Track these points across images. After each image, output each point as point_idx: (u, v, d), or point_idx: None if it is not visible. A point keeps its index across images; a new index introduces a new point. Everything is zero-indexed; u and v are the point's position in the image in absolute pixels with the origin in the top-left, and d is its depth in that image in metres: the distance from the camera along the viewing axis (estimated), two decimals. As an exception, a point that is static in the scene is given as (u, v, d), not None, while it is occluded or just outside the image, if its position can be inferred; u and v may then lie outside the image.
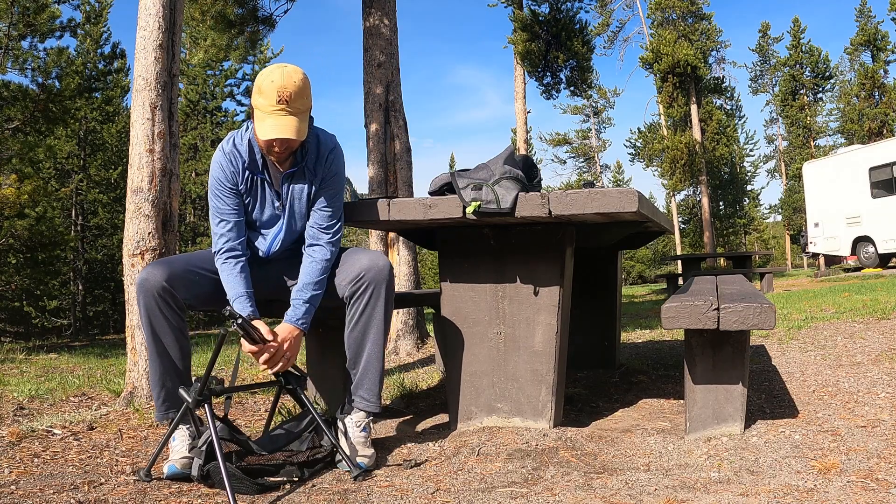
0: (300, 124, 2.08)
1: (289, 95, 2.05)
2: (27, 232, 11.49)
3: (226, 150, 2.21)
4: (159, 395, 2.14)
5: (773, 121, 39.61)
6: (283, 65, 2.11)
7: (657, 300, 11.77)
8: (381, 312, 2.17)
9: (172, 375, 2.13)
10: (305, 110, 2.11)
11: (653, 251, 40.62)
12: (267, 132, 2.06)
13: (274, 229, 2.29)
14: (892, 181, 13.73)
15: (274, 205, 2.25)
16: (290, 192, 2.24)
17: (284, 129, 2.05)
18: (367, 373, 2.19)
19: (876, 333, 4.23)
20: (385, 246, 5.37)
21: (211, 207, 2.26)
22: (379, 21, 5.51)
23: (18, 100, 10.80)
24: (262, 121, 2.08)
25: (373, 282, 2.15)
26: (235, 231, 2.23)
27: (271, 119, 2.06)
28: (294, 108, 2.06)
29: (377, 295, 2.16)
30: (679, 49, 24.90)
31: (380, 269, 2.16)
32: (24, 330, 19.87)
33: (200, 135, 21.85)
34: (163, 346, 2.11)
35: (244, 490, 1.88)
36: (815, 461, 1.90)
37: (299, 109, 2.08)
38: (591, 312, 3.73)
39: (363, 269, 2.16)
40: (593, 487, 1.81)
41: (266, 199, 2.25)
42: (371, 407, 2.19)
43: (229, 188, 2.21)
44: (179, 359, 2.14)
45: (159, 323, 2.10)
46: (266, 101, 2.06)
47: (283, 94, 2.04)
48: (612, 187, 2.24)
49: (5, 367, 5.28)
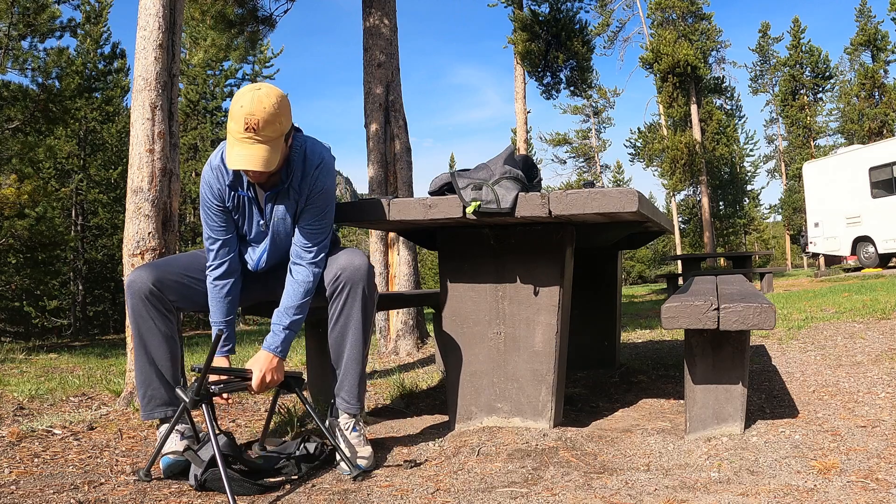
0: (269, 154, 1.96)
1: (256, 123, 1.93)
2: (27, 232, 11.50)
3: (213, 166, 2.16)
4: (144, 394, 2.13)
5: (773, 121, 39.62)
6: (257, 86, 2.00)
7: (657, 300, 11.77)
8: (359, 312, 2.14)
9: (158, 377, 2.13)
10: (277, 137, 1.98)
11: (653, 251, 40.64)
12: (233, 162, 1.96)
13: (261, 246, 2.27)
14: (892, 181, 13.74)
15: (260, 223, 2.21)
16: (273, 211, 2.18)
17: (250, 161, 1.94)
18: (347, 374, 2.17)
19: (876, 333, 4.23)
20: (385, 246, 5.37)
21: (202, 221, 2.25)
22: (379, 21, 5.51)
23: (18, 100, 10.80)
24: (231, 147, 1.98)
25: (349, 281, 2.12)
26: (226, 248, 2.22)
27: (238, 148, 1.96)
28: (263, 136, 1.95)
29: (354, 295, 2.13)
30: (679, 49, 24.91)
31: (356, 269, 2.13)
32: (24, 330, 19.87)
33: (200, 135, 21.84)
34: (148, 348, 2.11)
35: (245, 491, 1.88)
36: (815, 461, 1.90)
37: (269, 137, 1.96)
38: (591, 312, 3.73)
39: (339, 268, 2.14)
40: (593, 487, 1.81)
41: (253, 215, 2.21)
42: (351, 409, 2.17)
43: (216, 205, 2.18)
44: (166, 361, 2.14)
45: (146, 325, 2.11)
46: (235, 127, 1.96)
47: (250, 121, 1.93)
48: (612, 187, 2.24)
49: (5, 367, 5.28)
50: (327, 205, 2.19)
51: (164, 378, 2.14)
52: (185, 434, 2.11)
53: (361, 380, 2.20)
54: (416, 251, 5.45)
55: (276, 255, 2.28)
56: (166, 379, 2.14)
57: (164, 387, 2.14)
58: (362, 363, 2.19)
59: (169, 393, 2.14)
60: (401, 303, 3.58)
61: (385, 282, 5.28)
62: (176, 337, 2.19)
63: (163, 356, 2.13)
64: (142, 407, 2.15)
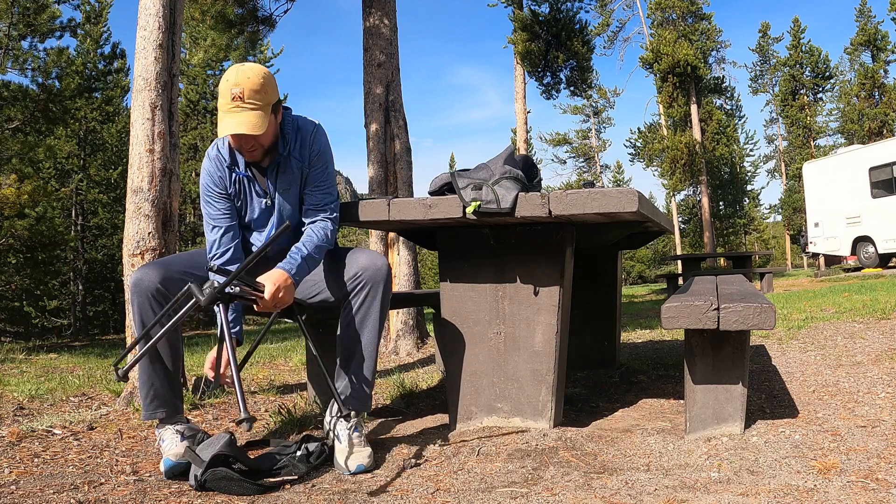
0: (257, 119, 2.05)
1: (241, 92, 2.03)
2: (27, 232, 11.50)
3: (211, 156, 2.25)
4: (147, 394, 2.13)
5: (773, 121, 39.62)
6: (241, 64, 2.12)
7: (657, 300, 11.77)
8: (377, 312, 2.18)
9: (162, 377, 2.13)
10: (265, 105, 2.08)
11: (653, 251, 40.64)
12: (223, 129, 2.05)
13: (267, 227, 2.31)
14: (892, 181, 13.73)
15: (262, 202, 2.27)
16: (276, 184, 2.25)
17: (239, 125, 2.03)
18: (361, 372, 2.19)
19: (876, 333, 4.23)
20: (385, 246, 5.37)
21: (204, 216, 2.29)
22: (379, 21, 5.51)
23: (18, 100, 10.81)
24: (221, 121, 2.07)
25: (370, 281, 2.16)
26: (229, 234, 2.25)
27: (227, 118, 2.05)
28: (250, 103, 2.04)
29: (374, 294, 2.16)
30: (679, 49, 24.91)
31: (378, 269, 2.17)
32: (24, 330, 19.87)
33: (200, 135, 21.84)
34: (154, 348, 2.11)
35: (245, 491, 1.88)
36: (815, 461, 1.90)
37: (256, 105, 2.05)
38: (591, 312, 3.73)
39: (361, 268, 2.17)
40: (593, 487, 1.81)
41: (254, 197, 2.27)
42: (363, 407, 2.19)
43: (218, 192, 2.24)
44: (170, 360, 2.14)
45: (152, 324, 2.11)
46: (222, 101, 2.06)
47: (236, 92, 2.03)
48: (612, 187, 2.24)
49: (5, 367, 5.28)
50: (328, 164, 2.30)
51: (166, 377, 2.14)
52: (185, 434, 2.11)
53: (373, 378, 2.22)
54: (416, 251, 5.45)
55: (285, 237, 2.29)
56: (169, 379, 2.14)
57: (167, 386, 2.14)
58: (375, 362, 2.22)
59: (171, 393, 2.15)
60: (401, 303, 3.58)
61: (385, 282, 5.28)
62: (179, 336, 2.19)
63: (167, 355, 2.14)
64: (143, 406, 2.15)
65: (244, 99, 2.04)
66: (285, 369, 4.54)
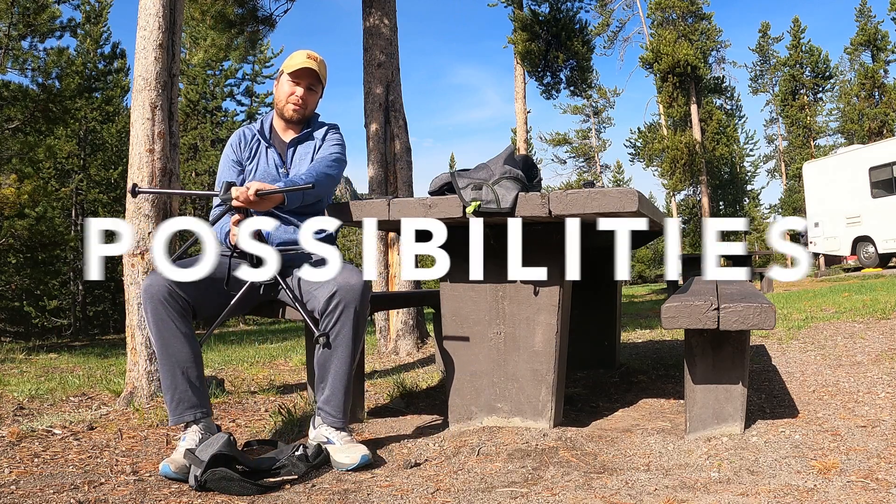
0: (322, 77, 2.50)
1: (317, 59, 2.48)
2: (27, 232, 11.50)
3: (245, 126, 2.58)
4: (172, 399, 2.12)
5: (773, 121, 39.59)
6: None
7: (657, 300, 11.77)
8: (349, 331, 2.16)
9: (185, 380, 2.12)
10: (324, 77, 2.53)
11: (653, 251, 40.63)
12: (297, 64, 2.43)
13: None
14: (892, 181, 13.73)
15: (278, 169, 2.49)
16: (294, 154, 2.52)
17: (312, 65, 2.44)
18: (334, 391, 2.20)
19: (876, 333, 4.23)
20: (385, 246, 5.37)
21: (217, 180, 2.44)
22: (379, 21, 5.51)
23: (18, 100, 10.80)
24: (291, 65, 2.45)
25: (342, 301, 2.15)
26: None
27: (304, 64, 2.44)
28: (319, 67, 2.47)
29: (346, 315, 2.15)
30: (679, 49, 24.92)
31: (350, 288, 2.15)
32: (24, 330, 19.86)
33: (200, 135, 21.82)
34: (172, 352, 2.11)
35: (245, 491, 1.88)
36: (815, 461, 1.90)
37: (322, 73, 2.50)
38: (591, 312, 3.73)
39: (335, 287, 2.16)
40: (593, 487, 1.81)
41: (268, 163, 2.49)
42: (336, 423, 2.20)
43: (233, 160, 2.50)
44: (191, 362, 2.13)
45: (168, 328, 2.10)
46: (298, 59, 2.45)
47: (313, 55, 2.47)
48: (612, 187, 2.24)
49: (5, 367, 5.28)
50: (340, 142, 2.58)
51: (190, 380, 2.13)
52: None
53: (348, 396, 2.22)
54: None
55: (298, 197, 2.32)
56: (192, 380, 2.13)
57: (192, 388, 2.13)
58: (349, 379, 2.22)
59: (197, 394, 2.14)
60: (401, 303, 3.58)
61: (385, 282, 5.29)
62: (195, 336, 2.18)
63: (187, 357, 2.13)
64: (170, 412, 2.13)
65: (317, 62, 2.47)
66: (285, 369, 4.54)
